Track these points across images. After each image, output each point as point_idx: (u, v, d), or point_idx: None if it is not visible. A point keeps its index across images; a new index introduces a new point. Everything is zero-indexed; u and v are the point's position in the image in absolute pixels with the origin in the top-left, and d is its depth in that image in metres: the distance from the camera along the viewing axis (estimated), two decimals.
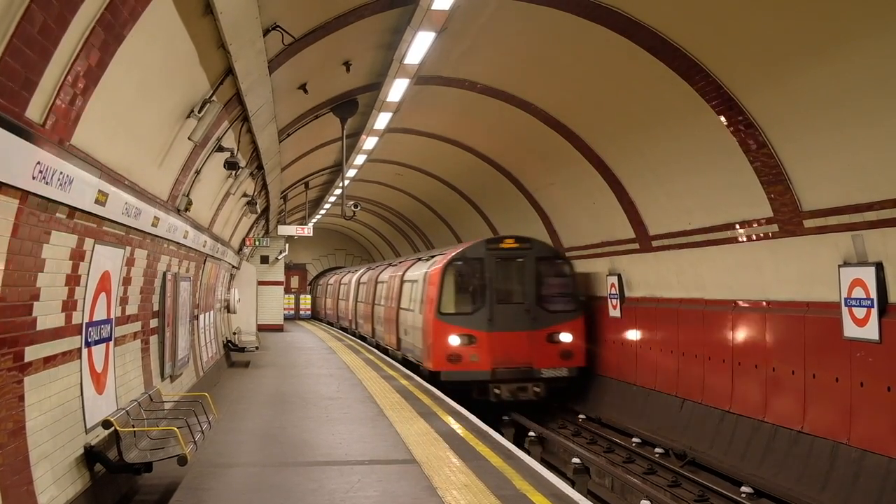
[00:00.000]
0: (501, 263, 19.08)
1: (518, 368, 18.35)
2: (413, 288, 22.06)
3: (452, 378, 18.33)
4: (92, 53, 6.16)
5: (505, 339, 18.50)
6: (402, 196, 34.53)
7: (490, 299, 18.80)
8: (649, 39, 12.07)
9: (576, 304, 19.16)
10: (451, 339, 18.54)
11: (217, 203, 16.18)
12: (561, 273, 19.31)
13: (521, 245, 19.25)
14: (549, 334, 18.72)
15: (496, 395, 18.21)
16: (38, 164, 5.69)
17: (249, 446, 11.25)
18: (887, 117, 9.50)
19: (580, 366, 18.98)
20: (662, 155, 14.80)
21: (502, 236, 19.94)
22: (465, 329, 18.60)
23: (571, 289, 19.22)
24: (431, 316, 19.01)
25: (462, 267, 19.25)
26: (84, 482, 7.57)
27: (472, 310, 18.86)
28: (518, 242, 19.31)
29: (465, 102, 18.38)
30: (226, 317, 26.32)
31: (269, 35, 10.23)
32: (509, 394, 18.21)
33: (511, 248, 19.18)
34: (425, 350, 19.56)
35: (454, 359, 18.44)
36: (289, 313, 50.85)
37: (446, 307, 18.93)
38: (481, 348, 18.47)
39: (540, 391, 18.37)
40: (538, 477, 9.28)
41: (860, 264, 10.57)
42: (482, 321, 18.64)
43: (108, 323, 8.81)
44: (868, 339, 10.48)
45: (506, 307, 18.77)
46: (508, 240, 19.40)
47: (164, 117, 9.12)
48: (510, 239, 19.41)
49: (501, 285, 19.00)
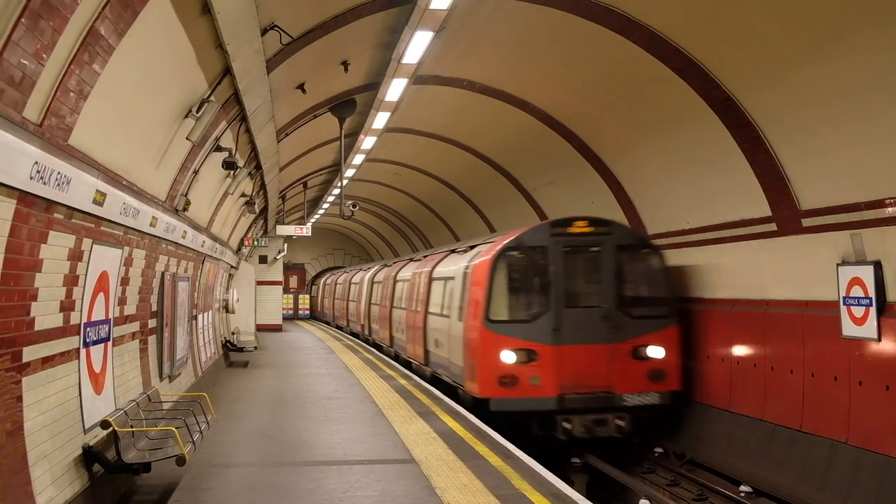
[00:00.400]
0: (571, 253, 14.49)
1: (594, 394, 13.89)
2: (447, 287, 17.49)
3: (505, 407, 13.96)
4: (90, 53, 6.15)
5: (576, 355, 13.99)
6: (401, 196, 34.53)
7: (556, 301, 14.19)
8: (648, 38, 12.08)
9: (669, 308, 14.61)
10: (504, 356, 13.98)
11: (215, 203, 16.17)
12: (649, 266, 14.75)
13: (598, 229, 14.58)
14: (634, 348, 14.20)
15: (566, 430, 13.72)
16: (36, 164, 5.67)
17: (248, 446, 11.24)
18: (886, 116, 9.50)
19: (674, 390, 14.36)
20: (661, 154, 14.80)
21: (571, 217, 14.89)
22: (523, 341, 14.06)
23: (664, 287, 14.69)
24: (477, 324, 14.47)
25: (518, 258, 14.66)
26: (82, 482, 7.56)
27: (532, 316, 14.28)
28: (593, 225, 14.64)
29: (463, 102, 18.38)
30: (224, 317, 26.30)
31: (267, 35, 10.23)
32: (583, 429, 13.69)
33: (583, 234, 14.55)
34: (468, 369, 15.02)
35: (508, 382, 13.93)
36: (287, 313, 50.84)
37: (497, 312, 14.38)
38: (544, 367, 13.95)
39: (624, 425, 13.80)
40: (537, 476, 9.28)
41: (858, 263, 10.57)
42: (545, 331, 14.07)
43: (107, 323, 8.79)
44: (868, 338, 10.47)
45: (577, 312, 14.23)
46: (580, 222, 14.71)
47: (162, 117, 9.12)
48: (582, 221, 14.71)
49: (571, 283, 14.50)
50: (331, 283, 47.66)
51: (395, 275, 25.19)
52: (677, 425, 14.73)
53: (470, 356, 14.90)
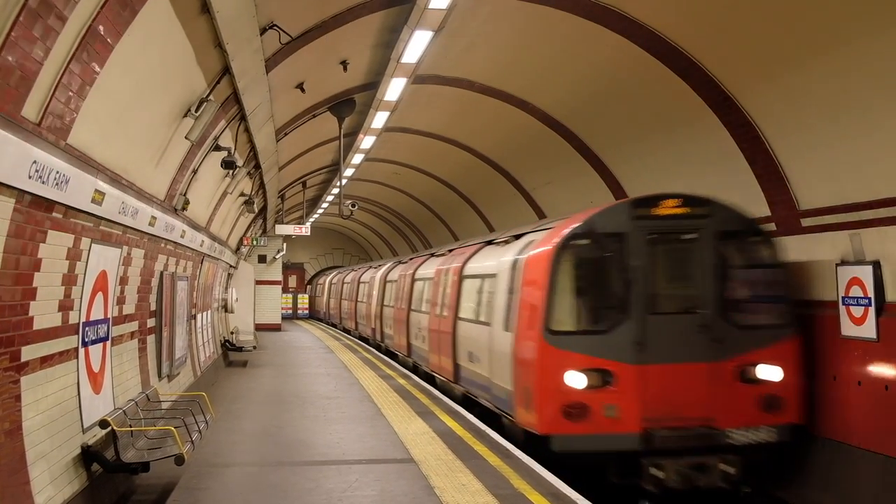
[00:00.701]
0: (658, 242, 10.95)
1: (690, 429, 10.42)
2: (485, 288, 14.00)
3: (573, 446, 10.42)
4: (89, 52, 6.15)
5: (666, 377, 10.52)
6: (400, 195, 34.53)
7: (639, 306, 10.65)
8: (647, 38, 12.08)
9: (786, 315, 11.06)
10: (571, 378, 10.46)
11: (214, 202, 16.17)
12: (760, 259, 11.28)
13: (693, 210, 11.05)
14: (742, 367, 10.71)
15: (655, 478, 10.26)
16: (35, 164, 5.67)
17: (247, 446, 11.24)
18: (886, 116, 9.50)
19: (794, 423, 10.82)
20: (660, 154, 14.81)
21: (658, 195, 11.32)
22: (596, 359, 10.55)
23: (780, 287, 11.18)
24: (533, 335, 10.88)
25: (589, 249, 11.05)
26: (81, 482, 7.56)
27: (608, 325, 10.70)
28: (687, 205, 11.06)
29: (462, 101, 18.37)
30: (223, 316, 26.30)
31: (266, 34, 10.23)
32: (678, 477, 10.22)
33: (674, 216, 11.03)
34: (519, 394, 11.40)
35: (576, 412, 10.41)
36: (286, 313, 50.84)
37: (561, 320, 10.83)
38: (624, 393, 10.47)
39: (733, 472, 10.33)
40: (536, 476, 9.28)
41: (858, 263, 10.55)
42: (625, 345, 10.54)
43: (105, 322, 8.79)
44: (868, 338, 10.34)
45: (666, 320, 10.70)
46: (670, 201, 11.10)
47: (161, 116, 9.11)
48: (673, 200, 11.11)
49: (658, 281, 11.01)
50: (337, 281, 43.43)
51: (413, 272, 21.68)
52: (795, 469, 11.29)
53: (523, 377, 11.24)
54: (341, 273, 44.71)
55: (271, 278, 37.23)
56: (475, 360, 14.17)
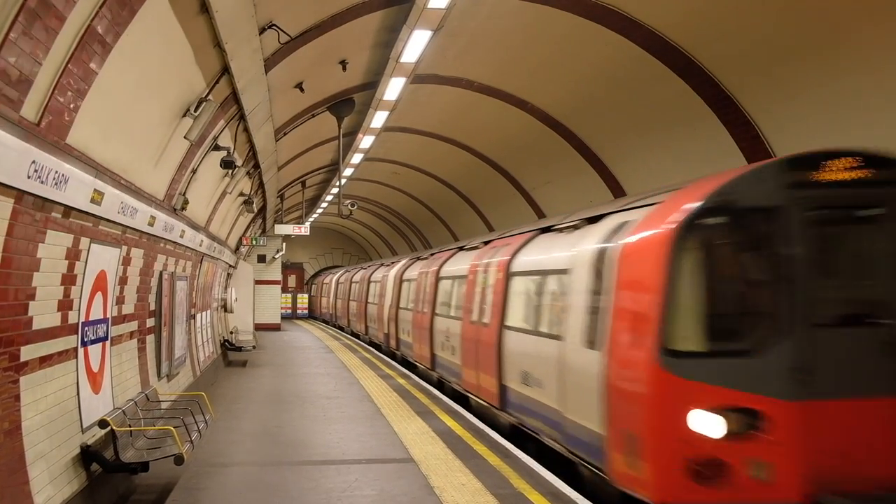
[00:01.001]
0: (826, 222, 7.52)
1: (881, 497, 7.10)
2: (549, 288, 10.51)
3: None
4: (87, 52, 6.15)
5: (843, 420, 7.20)
6: (400, 195, 34.54)
7: (799, 315, 7.25)
8: (646, 37, 12.08)
9: None
10: (700, 421, 7.11)
11: (214, 202, 16.17)
12: None
13: (874, 172, 7.43)
14: None
15: None
16: (34, 164, 5.67)
17: (246, 446, 11.23)
18: (885, 116, 9.51)
19: None
20: (659, 153, 14.81)
21: (824, 152, 7.52)
22: (737, 393, 7.15)
23: None
24: (643, 356, 7.40)
25: (727, 232, 7.55)
26: (80, 482, 7.56)
27: (754, 344, 7.26)
28: (869, 167, 7.43)
29: (462, 101, 18.38)
30: (223, 316, 26.30)
31: (265, 34, 10.23)
32: None
33: (849, 182, 7.42)
34: (617, 439, 7.83)
35: (708, 472, 7.06)
36: (286, 312, 50.81)
37: (685, 337, 7.34)
38: (781, 444, 7.08)
39: None
40: (536, 476, 9.28)
41: None
42: (781, 373, 7.17)
43: (105, 322, 8.79)
44: None
45: (839, 335, 7.28)
46: (840, 161, 7.41)
47: (160, 116, 9.11)
48: (846, 159, 7.42)
49: (827, 278, 7.46)
50: (344, 280, 39.35)
51: (437, 269, 18.07)
52: None
53: (623, 417, 7.75)
54: (349, 272, 40.04)
55: (270, 278, 37.24)
56: (534, 383, 10.73)
